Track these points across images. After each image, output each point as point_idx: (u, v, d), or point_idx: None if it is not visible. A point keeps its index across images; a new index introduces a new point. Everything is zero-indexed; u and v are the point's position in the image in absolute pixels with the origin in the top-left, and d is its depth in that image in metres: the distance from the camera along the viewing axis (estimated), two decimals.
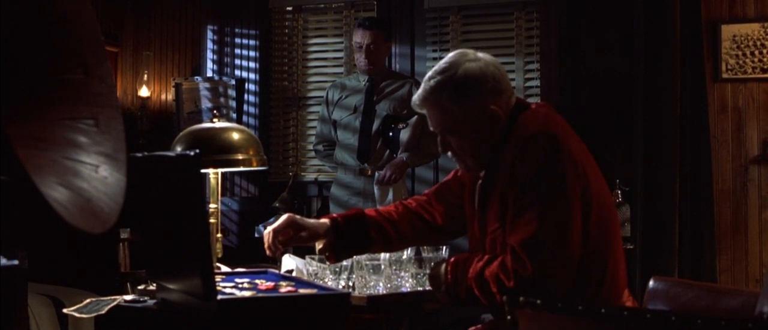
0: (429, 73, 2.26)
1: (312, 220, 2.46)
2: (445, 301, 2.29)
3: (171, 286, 2.19)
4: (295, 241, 2.42)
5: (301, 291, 2.22)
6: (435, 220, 2.48)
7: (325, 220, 2.44)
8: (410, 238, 2.50)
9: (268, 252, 2.42)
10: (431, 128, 2.29)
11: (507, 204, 2.12)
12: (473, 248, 2.36)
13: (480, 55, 2.26)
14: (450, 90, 2.20)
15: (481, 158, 2.25)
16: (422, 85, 2.25)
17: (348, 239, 2.42)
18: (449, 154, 2.28)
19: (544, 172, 2.08)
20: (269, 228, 2.42)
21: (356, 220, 2.44)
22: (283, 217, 2.42)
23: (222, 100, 5.50)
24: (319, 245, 2.44)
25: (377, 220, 2.45)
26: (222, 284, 2.32)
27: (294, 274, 2.71)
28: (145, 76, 5.64)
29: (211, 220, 2.77)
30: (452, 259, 2.24)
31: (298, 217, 2.44)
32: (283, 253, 2.50)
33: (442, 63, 2.26)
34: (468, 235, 2.43)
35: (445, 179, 2.53)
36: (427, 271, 2.52)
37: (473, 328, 2.35)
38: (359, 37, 4.37)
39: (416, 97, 2.26)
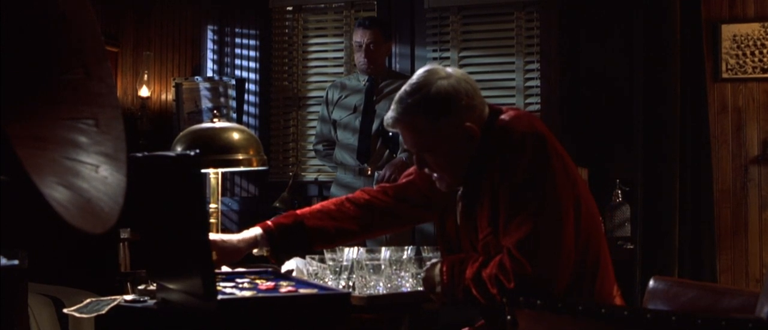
0: (399, 94, 2.23)
1: (235, 238, 2.42)
2: (439, 301, 2.29)
3: (171, 286, 2.19)
4: (220, 263, 2.41)
5: (301, 291, 2.22)
6: (390, 211, 2.48)
7: (255, 231, 2.42)
8: (358, 234, 2.51)
9: None
10: (406, 147, 2.29)
11: (498, 208, 2.12)
12: (446, 251, 2.36)
13: (450, 70, 2.23)
14: (423, 110, 2.18)
15: (458, 174, 2.24)
16: (393, 106, 2.23)
17: (285, 245, 2.43)
18: (426, 170, 2.27)
19: (535, 171, 2.08)
20: None
21: (291, 229, 2.43)
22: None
23: (222, 100, 5.50)
24: (255, 251, 2.45)
25: (316, 225, 2.44)
26: (222, 284, 2.32)
27: (294, 274, 2.71)
28: (145, 76, 5.64)
29: (211, 220, 2.77)
30: (447, 260, 2.23)
31: (219, 238, 2.40)
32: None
33: (412, 82, 2.23)
34: (439, 236, 2.43)
35: (410, 178, 2.50)
36: None
37: (466, 329, 2.35)
38: (359, 37, 4.37)
39: (388, 117, 2.25)
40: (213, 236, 2.39)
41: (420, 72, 2.24)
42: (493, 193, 2.13)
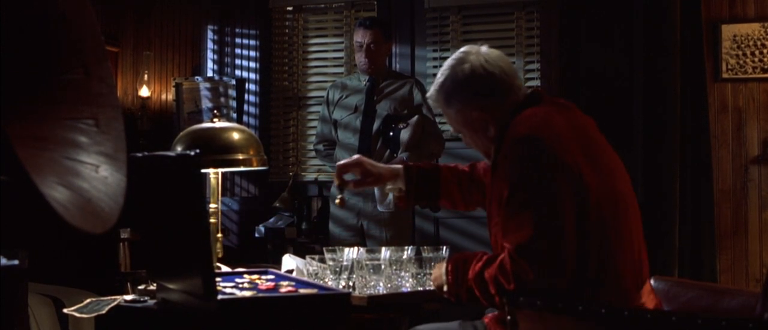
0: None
1: (382, 165, 2.60)
2: (449, 299, 2.29)
3: (171, 286, 2.19)
4: (361, 183, 2.56)
5: (301, 291, 2.22)
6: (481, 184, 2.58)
7: (397, 167, 2.57)
8: (471, 202, 2.61)
9: (335, 182, 2.57)
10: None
11: (501, 203, 2.13)
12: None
13: (483, 52, 2.26)
14: (442, 93, 2.26)
15: (488, 155, 2.30)
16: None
17: (419, 186, 2.55)
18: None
19: (528, 175, 2.07)
20: (339, 162, 2.57)
21: (429, 173, 2.56)
22: (354, 156, 2.58)
23: (222, 100, 5.50)
24: (388, 186, 2.58)
25: (447, 177, 2.56)
26: (222, 284, 2.33)
27: (294, 274, 2.71)
28: (145, 76, 5.64)
29: (211, 220, 2.77)
30: (452, 260, 2.23)
31: (367, 160, 2.57)
32: (344, 189, 2.60)
33: (447, 61, 2.30)
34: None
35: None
36: (428, 271, 2.53)
37: (490, 315, 2.31)
38: (360, 37, 4.37)
39: (428, 95, 2.37)
40: (362, 158, 2.56)
41: (457, 51, 2.31)
42: (500, 189, 2.14)
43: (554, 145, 2.09)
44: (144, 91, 5.62)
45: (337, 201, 2.67)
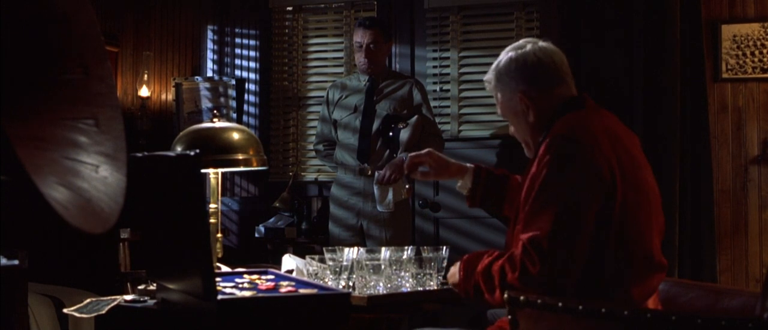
0: None
1: (452, 160, 2.68)
2: (463, 297, 2.30)
3: (171, 286, 2.19)
4: (428, 174, 2.67)
5: (301, 291, 2.22)
6: None
7: (467, 165, 2.66)
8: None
9: (405, 172, 2.70)
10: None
11: (529, 198, 2.14)
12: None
13: (541, 43, 2.35)
14: (494, 75, 2.36)
15: (529, 146, 2.33)
16: None
17: (485, 188, 2.62)
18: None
19: (559, 175, 2.08)
20: (411, 154, 2.69)
21: (497, 178, 2.63)
22: (425, 149, 2.69)
23: (222, 100, 5.50)
24: (459, 183, 2.67)
25: (514, 185, 2.60)
26: (222, 284, 2.33)
27: (294, 274, 2.71)
28: (145, 76, 5.64)
29: (211, 220, 2.77)
30: (465, 257, 2.24)
31: (437, 152, 2.67)
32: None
33: (506, 48, 2.40)
34: None
35: None
36: (428, 271, 2.53)
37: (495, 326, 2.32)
38: (359, 37, 4.37)
39: (484, 78, 2.45)
40: (433, 151, 2.68)
41: (519, 40, 2.42)
42: (530, 186, 2.15)
43: (590, 149, 2.11)
44: (144, 91, 5.62)
45: (405, 193, 2.75)
